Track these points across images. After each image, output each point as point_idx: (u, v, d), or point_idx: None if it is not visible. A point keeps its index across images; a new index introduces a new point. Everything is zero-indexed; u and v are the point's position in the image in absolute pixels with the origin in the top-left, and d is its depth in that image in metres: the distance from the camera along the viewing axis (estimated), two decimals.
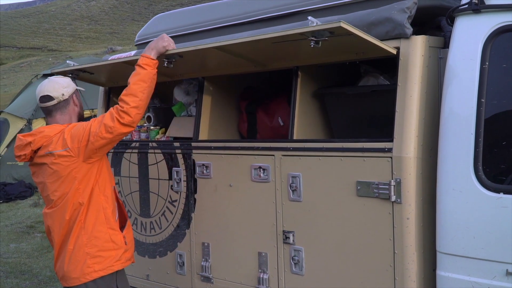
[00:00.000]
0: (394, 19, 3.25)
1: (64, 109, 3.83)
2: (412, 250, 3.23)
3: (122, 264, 3.79)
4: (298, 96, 3.79)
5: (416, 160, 3.22)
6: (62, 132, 3.66)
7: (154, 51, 3.74)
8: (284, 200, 3.78)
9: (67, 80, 3.92)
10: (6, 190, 13.52)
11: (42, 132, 3.69)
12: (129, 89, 3.58)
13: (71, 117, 3.85)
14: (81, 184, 3.65)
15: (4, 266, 8.29)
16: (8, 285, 7.54)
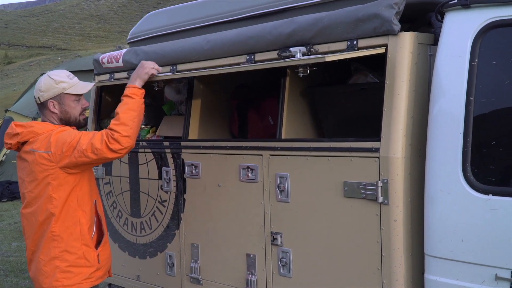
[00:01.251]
0: (381, 15, 3.15)
1: (43, 111, 3.73)
2: (399, 253, 3.14)
3: (92, 283, 3.65)
4: (286, 95, 3.71)
5: (404, 160, 3.12)
6: (50, 133, 3.55)
7: (139, 80, 3.72)
8: (272, 200, 3.70)
9: (51, 82, 3.69)
10: (11, 189, 13.52)
11: (32, 126, 3.59)
12: (118, 118, 3.50)
13: (52, 121, 3.70)
14: (54, 193, 3.52)
15: (5, 265, 8.27)
16: (7, 284, 7.50)
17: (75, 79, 3.77)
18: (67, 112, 3.70)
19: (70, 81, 3.72)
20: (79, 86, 3.74)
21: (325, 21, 3.38)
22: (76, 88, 3.72)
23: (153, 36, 4.87)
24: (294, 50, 3.25)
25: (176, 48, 4.25)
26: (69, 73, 3.78)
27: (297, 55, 3.23)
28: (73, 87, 3.72)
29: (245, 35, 3.79)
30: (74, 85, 3.73)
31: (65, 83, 3.70)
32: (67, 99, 3.70)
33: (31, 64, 48.50)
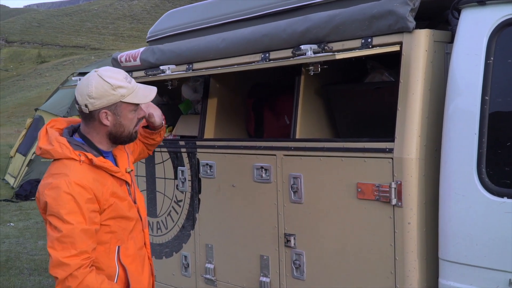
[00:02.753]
0: (396, 12, 3.07)
1: (87, 122, 2.93)
2: (413, 257, 3.06)
3: None
4: (301, 94, 3.65)
5: (418, 162, 3.04)
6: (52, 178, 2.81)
7: None
8: (285, 201, 3.64)
9: (106, 87, 2.84)
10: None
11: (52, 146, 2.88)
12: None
13: (95, 136, 2.95)
14: None
15: (29, 264, 8.32)
16: (30, 283, 7.55)
17: (133, 82, 2.93)
18: (121, 126, 2.93)
19: (129, 86, 2.88)
20: (140, 93, 2.93)
21: (339, 18, 3.31)
22: (136, 95, 2.91)
23: (171, 35, 4.85)
24: (305, 48, 3.19)
25: (191, 47, 4.22)
26: (126, 73, 2.96)
27: (307, 52, 3.16)
28: (133, 93, 2.90)
29: (260, 33, 3.74)
30: (134, 91, 2.90)
31: (123, 88, 2.86)
32: (125, 109, 2.90)
33: (64, 64, 49.11)
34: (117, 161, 3.05)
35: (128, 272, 2.97)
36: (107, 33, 71.43)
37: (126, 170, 3.05)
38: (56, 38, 67.12)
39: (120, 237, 2.95)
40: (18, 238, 9.86)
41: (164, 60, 4.40)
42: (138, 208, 3.06)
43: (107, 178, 2.90)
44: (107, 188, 2.88)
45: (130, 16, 78.28)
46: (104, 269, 2.90)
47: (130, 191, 3.03)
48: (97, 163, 2.86)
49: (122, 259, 2.96)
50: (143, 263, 3.10)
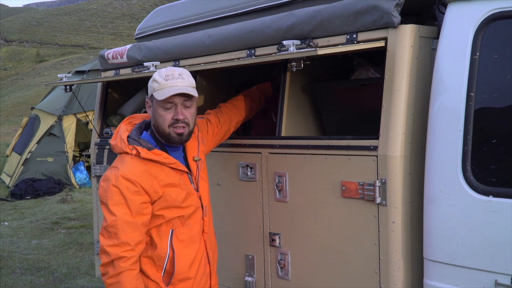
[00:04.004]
0: (381, 7, 3.02)
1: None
2: (398, 256, 3.00)
3: None
4: (287, 91, 3.59)
5: (403, 159, 2.98)
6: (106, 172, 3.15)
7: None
8: (270, 200, 3.59)
9: (151, 78, 3.15)
10: (35, 186, 13.60)
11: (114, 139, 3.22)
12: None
13: (153, 127, 3.21)
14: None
15: (22, 263, 8.28)
16: (22, 282, 7.51)
17: (175, 81, 3.07)
18: (155, 119, 3.14)
19: (162, 82, 3.07)
20: (165, 91, 3.05)
21: (324, 14, 3.25)
22: (162, 93, 3.06)
23: (158, 32, 4.80)
24: (287, 44, 3.13)
25: (178, 43, 4.17)
26: (182, 71, 3.12)
27: (290, 48, 3.10)
28: (161, 90, 3.07)
29: (245, 30, 3.68)
30: (164, 89, 3.06)
31: (156, 83, 3.09)
32: (156, 103, 3.11)
33: (63, 63, 49.07)
34: (186, 151, 3.27)
35: (176, 256, 3.14)
36: (106, 32, 71.39)
37: (194, 158, 3.28)
38: (55, 37, 67.08)
39: (174, 222, 3.15)
40: (12, 237, 9.82)
41: (150, 57, 4.35)
42: (200, 196, 3.25)
43: (162, 170, 3.10)
44: (160, 180, 3.08)
45: (129, 15, 78.23)
46: (157, 249, 3.13)
47: (192, 179, 3.23)
48: (144, 156, 3.06)
49: (174, 243, 3.15)
50: (198, 249, 3.24)
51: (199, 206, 3.25)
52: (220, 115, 3.69)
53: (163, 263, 3.14)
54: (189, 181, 3.22)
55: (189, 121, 3.13)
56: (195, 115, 3.21)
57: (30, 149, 14.37)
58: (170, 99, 3.06)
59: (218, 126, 3.64)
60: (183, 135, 3.12)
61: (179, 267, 3.15)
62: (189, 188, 3.20)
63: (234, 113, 3.76)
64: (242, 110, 3.82)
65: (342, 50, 3.06)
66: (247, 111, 3.86)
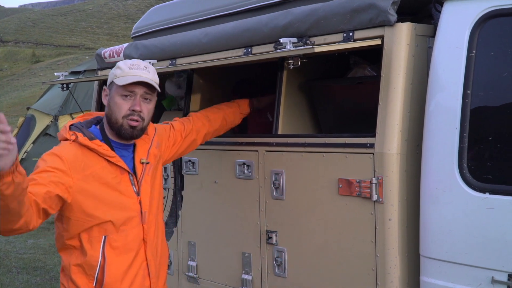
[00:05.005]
0: (377, 5, 3.03)
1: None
2: (394, 254, 3.01)
3: None
4: (283, 89, 3.61)
5: (400, 157, 2.99)
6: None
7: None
8: (267, 198, 3.59)
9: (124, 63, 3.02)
10: None
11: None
12: None
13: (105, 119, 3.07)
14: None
15: (18, 262, 8.28)
16: (18, 281, 7.50)
17: (139, 71, 2.96)
18: (110, 108, 2.98)
19: (126, 70, 2.95)
20: (128, 78, 2.93)
21: (320, 12, 3.26)
22: (125, 78, 2.93)
23: (155, 30, 4.80)
24: (284, 41, 3.14)
25: (175, 42, 4.17)
26: (148, 65, 3.04)
27: (287, 46, 3.11)
28: (124, 77, 2.93)
29: (242, 28, 3.69)
30: (126, 76, 2.93)
31: (119, 69, 2.97)
32: (115, 90, 2.97)
33: (59, 63, 48.96)
34: (135, 150, 3.08)
35: (106, 264, 2.91)
36: (102, 33, 71.26)
37: (141, 160, 3.06)
38: (51, 38, 66.91)
39: (107, 227, 2.92)
40: (8, 236, 9.80)
41: (147, 55, 4.35)
42: (140, 201, 3.01)
43: (98, 162, 2.93)
44: (92, 171, 2.89)
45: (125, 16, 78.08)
46: (87, 256, 2.91)
47: (134, 181, 3.00)
48: (82, 141, 2.91)
49: (107, 251, 2.92)
50: (136, 260, 3.00)
51: (137, 211, 3.00)
52: (187, 123, 3.51)
53: (95, 272, 2.91)
54: (129, 183, 2.99)
55: (145, 116, 2.99)
56: (152, 112, 3.08)
57: (26, 149, 14.34)
58: (131, 87, 2.93)
59: (182, 134, 3.45)
60: (135, 129, 2.96)
61: (109, 277, 2.91)
62: (127, 190, 2.98)
63: (204, 124, 3.58)
64: (214, 122, 3.64)
65: (339, 48, 3.07)
66: (219, 124, 3.67)
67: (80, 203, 2.86)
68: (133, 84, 2.93)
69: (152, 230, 3.08)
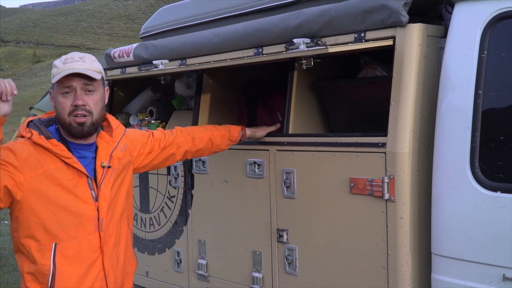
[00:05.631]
0: (389, 6, 3.06)
1: None
2: (406, 252, 3.04)
3: None
4: (294, 89, 3.63)
5: (411, 156, 3.03)
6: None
7: None
8: (278, 197, 3.62)
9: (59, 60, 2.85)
10: None
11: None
12: None
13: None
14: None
15: None
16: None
17: (73, 63, 2.76)
18: (56, 109, 2.82)
19: (61, 66, 2.77)
20: (62, 73, 2.74)
21: (332, 13, 3.30)
22: (59, 75, 2.75)
23: (164, 31, 4.83)
24: (298, 42, 3.17)
25: (185, 42, 4.20)
26: (85, 55, 2.84)
27: (300, 46, 3.15)
28: (58, 74, 2.75)
29: (253, 28, 3.72)
30: (60, 72, 2.75)
31: (55, 68, 2.80)
32: (55, 90, 2.81)
33: None
34: (97, 152, 2.89)
35: (57, 273, 2.74)
36: (102, 33, 71.32)
37: (101, 164, 2.87)
38: (51, 38, 66.95)
39: (58, 234, 2.76)
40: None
41: (157, 55, 4.38)
42: (98, 207, 2.82)
43: (53, 162, 2.77)
44: (46, 170, 2.74)
45: (125, 16, 78.14)
46: (37, 265, 2.75)
47: (93, 186, 2.82)
48: (36, 140, 2.76)
49: (58, 259, 2.76)
50: (91, 270, 2.82)
51: (92, 218, 2.81)
52: (168, 135, 3.39)
53: (47, 280, 2.74)
54: (87, 187, 2.81)
55: (91, 108, 2.79)
56: (101, 103, 2.86)
57: None
58: (67, 82, 2.74)
59: (160, 144, 3.31)
60: (84, 125, 2.77)
61: (61, 287, 2.75)
62: (85, 194, 2.80)
63: (187, 140, 3.46)
64: (198, 142, 3.51)
65: (352, 48, 3.11)
66: (204, 145, 3.54)
67: (30, 203, 2.72)
68: (70, 79, 2.74)
69: (112, 239, 2.88)
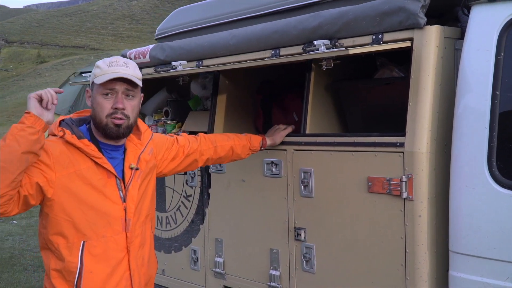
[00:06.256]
0: (407, 9, 3.12)
1: None
2: (423, 249, 3.11)
3: None
4: (311, 89, 3.70)
5: (429, 156, 3.09)
6: None
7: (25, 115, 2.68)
8: (295, 196, 3.69)
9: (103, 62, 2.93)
10: None
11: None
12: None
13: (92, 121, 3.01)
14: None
15: (33, 261, 8.37)
16: (35, 279, 7.61)
17: (118, 67, 2.87)
18: (93, 109, 2.92)
19: (105, 68, 2.87)
20: (107, 75, 2.86)
21: (350, 15, 3.36)
22: (103, 77, 2.86)
23: (180, 32, 4.89)
24: (318, 43, 3.24)
25: (201, 43, 4.26)
26: (128, 61, 2.94)
27: (321, 48, 3.22)
28: (102, 76, 2.86)
29: (270, 30, 3.78)
30: (104, 74, 2.86)
31: (98, 69, 2.90)
32: (96, 90, 2.91)
33: (64, 64, 49.08)
34: (126, 154, 3.00)
35: (84, 271, 2.83)
36: (107, 34, 71.43)
37: (130, 166, 2.98)
38: (56, 38, 67.15)
39: (85, 231, 2.84)
40: (21, 235, 9.89)
41: (173, 56, 4.45)
42: (125, 208, 2.93)
43: (84, 161, 2.86)
44: (77, 169, 2.83)
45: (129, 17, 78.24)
46: (65, 262, 2.83)
47: (121, 186, 2.93)
48: (69, 139, 2.85)
49: (85, 257, 2.84)
50: (117, 269, 2.91)
51: (120, 218, 2.91)
52: (193, 142, 3.48)
53: (74, 278, 2.82)
54: (116, 187, 2.91)
55: (129, 113, 2.90)
56: (137, 109, 2.97)
57: None
58: (110, 85, 2.85)
59: (184, 151, 3.41)
60: (121, 127, 2.88)
61: (87, 284, 2.83)
62: (113, 194, 2.90)
63: (209, 148, 3.54)
64: (220, 150, 3.59)
65: (372, 50, 3.17)
66: (225, 153, 3.62)
67: (61, 201, 2.80)
68: (113, 82, 2.86)
69: (138, 240, 2.98)
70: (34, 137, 2.60)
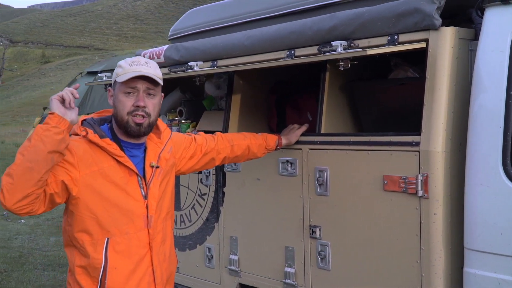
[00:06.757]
0: (422, 10, 3.18)
1: None
2: (439, 247, 3.16)
3: None
4: (326, 89, 3.75)
5: (444, 155, 3.15)
6: None
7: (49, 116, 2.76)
8: (311, 194, 3.74)
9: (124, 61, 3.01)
10: None
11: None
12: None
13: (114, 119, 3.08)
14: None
15: (43, 259, 8.44)
16: (45, 278, 7.67)
17: (140, 67, 2.95)
18: (115, 107, 2.99)
19: (127, 67, 2.95)
20: (128, 74, 2.93)
21: (366, 16, 3.41)
22: (125, 75, 2.94)
23: (194, 33, 4.95)
24: (335, 44, 3.30)
25: (216, 44, 4.32)
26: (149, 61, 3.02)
27: (338, 49, 3.28)
28: (124, 74, 2.94)
29: (285, 31, 3.84)
30: (126, 73, 2.94)
31: (120, 68, 2.98)
32: (117, 88, 2.98)
33: (68, 64, 49.25)
34: (146, 152, 3.07)
35: (108, 267, 2.90)
36: (111, 34, 71.54)
37: (150, 164, 3.05)
38: (60, 39, 67.27)
39: (109, 228, 2.92)
40: (30, 234, 9.96)
41: (188, 57, 4.50)
42: (147, 205, 3.00)
43: (106, 160, 2.94)
44: (100, 168, 2.91)
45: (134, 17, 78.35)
46: (90, 258, 2.91)
47: (142, 184, 3.00)
48: (91, 138, 2.93)
49: (110, 253, 2.92)
50: (140, 265, 2.99)
51: (142, 215, 2.99)
52: (210, 141, 3.55)
53: (98, 274, 2.90)
54: (137, 185, 2.99)
55: (150, 111, 2.97)
56: (158, 107, 3.04)
57: None
58: (132, 83, 2.93)
59: (202, 150, 3.48)
60: (142, 126, 2.95)
61: (111, 280, 2.90)
62: (135, 192, 2.98)
63: (226, 147, 3.61)
64: (237, 149, 3.65)
65: (388, 51, 3.23)
66: (241, 153, 3.69)
67: (85, 199, 2.88)
68: (135, 80, 2.93)
69: (160, 236, 3.05)
70: (59, 136, 2.69)
